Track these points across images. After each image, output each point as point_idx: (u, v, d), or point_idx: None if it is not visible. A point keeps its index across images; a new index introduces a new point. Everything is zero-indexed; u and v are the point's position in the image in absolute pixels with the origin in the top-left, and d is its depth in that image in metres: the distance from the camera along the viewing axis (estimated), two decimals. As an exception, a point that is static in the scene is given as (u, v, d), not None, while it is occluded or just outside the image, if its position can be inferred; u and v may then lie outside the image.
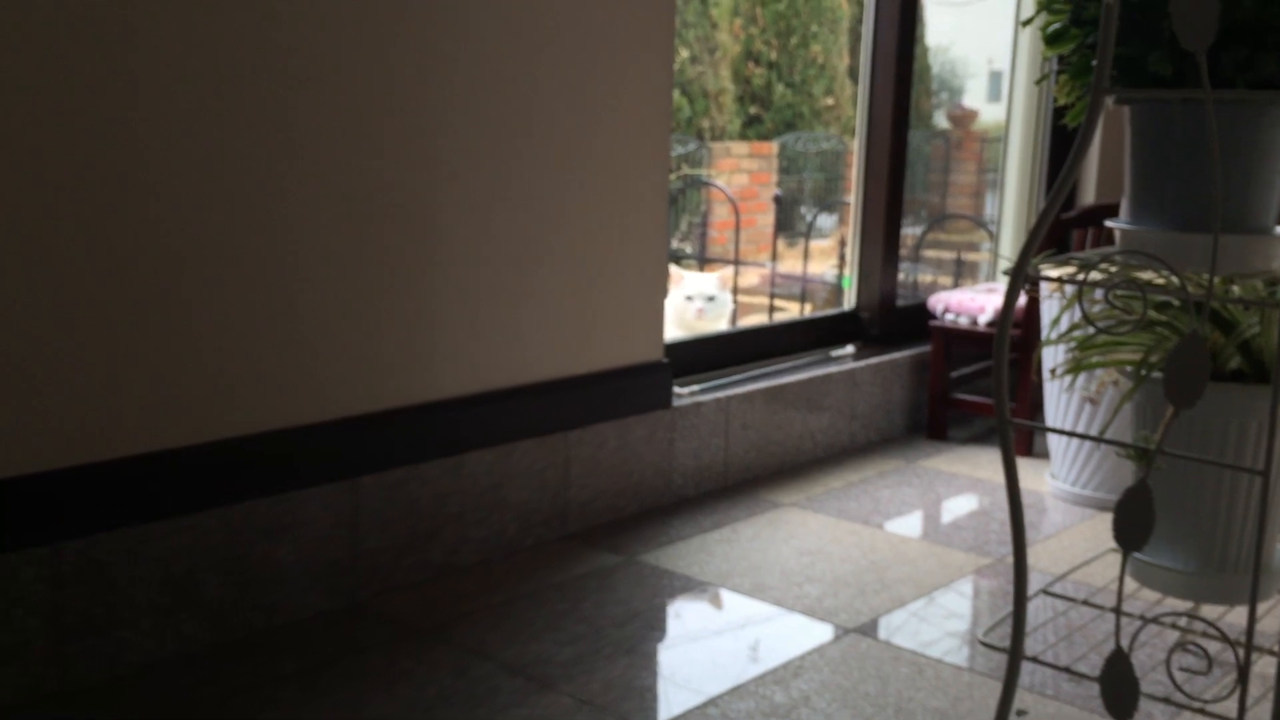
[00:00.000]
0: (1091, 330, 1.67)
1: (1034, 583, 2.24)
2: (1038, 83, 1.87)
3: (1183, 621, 1.74)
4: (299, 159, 1.93)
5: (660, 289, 2.61)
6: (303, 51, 1.91)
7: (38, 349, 1.69)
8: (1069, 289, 2.43)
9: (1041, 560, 2.42)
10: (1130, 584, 1.78)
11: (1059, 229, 3.18)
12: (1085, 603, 1.64)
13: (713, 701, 1.80)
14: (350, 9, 1.96)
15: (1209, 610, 1.84)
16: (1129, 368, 1.63)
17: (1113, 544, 1.33)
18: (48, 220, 1.68)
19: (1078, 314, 2.42)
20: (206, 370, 1.87)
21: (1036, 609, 2.16)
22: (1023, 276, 1.28)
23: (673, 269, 3.68)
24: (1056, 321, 1.77)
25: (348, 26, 1.96)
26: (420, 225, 2.11)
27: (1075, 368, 1.71)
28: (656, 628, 2.06)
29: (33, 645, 1.71)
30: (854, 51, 7.05)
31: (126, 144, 1.74)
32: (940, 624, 2.11)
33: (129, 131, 1.74)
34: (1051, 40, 1.47)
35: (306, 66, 1.92)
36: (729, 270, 3.91)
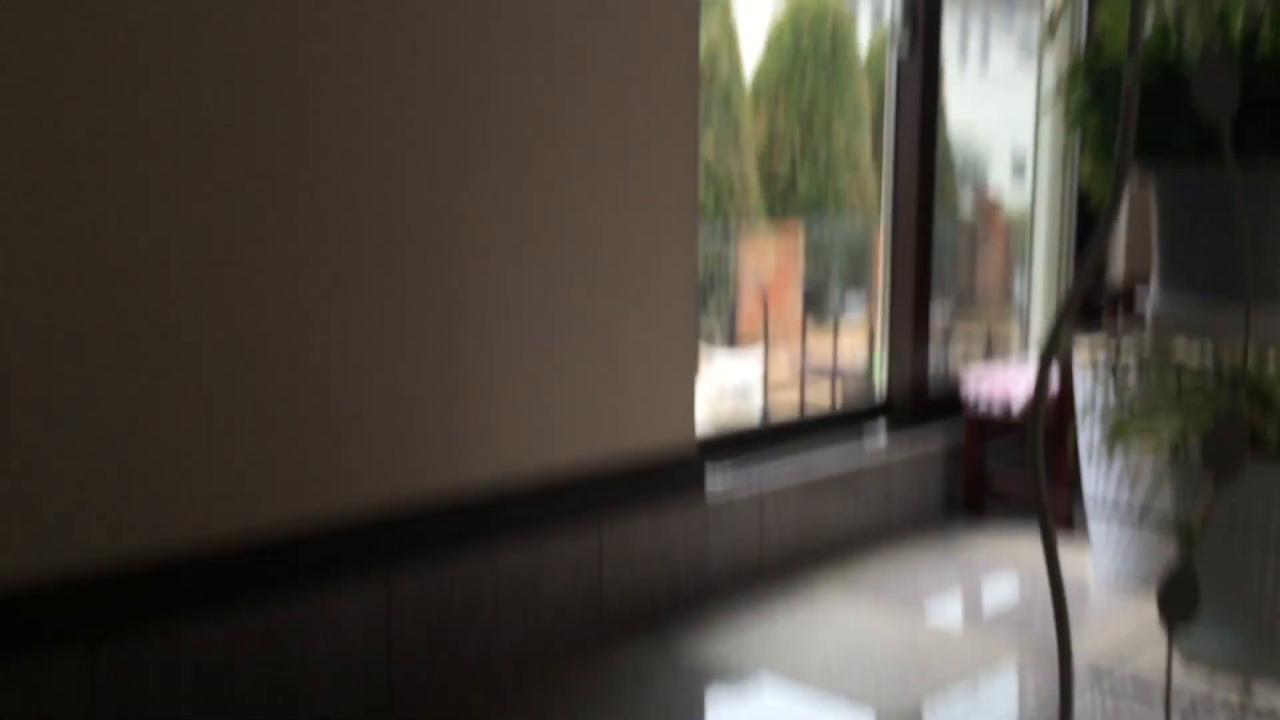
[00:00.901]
0: (1127, 405, 1.65)
1: (1080, 665, 2.19)
2: (1063, 160, 1.87)
3: (1234, 700, 1.69)
4: (324, 249, 1.95)
5: (692, 377, 2.61)
6: (321, 145, 1.94)
7: (71, 451, 1.70)
8: (1102, 365, 2.41)
9: (1087, 642, 2.37)
10: (1177, 661, 1.74)
11: (1089, 308, 3.17)
12: (1133, 681, 1.60)
13: (755, 795, 1.76)
14: (379, 98, 1.99)
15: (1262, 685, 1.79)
16: (1166, 444, 1.61)
17: (1157, 622, 1.30)
18: (75, 321, 1.70)
19: (1112, 389, 2.40)
20: (235, 468, 1.88)
21: (1082, 690, 2.11)
22: (1054, 352, 1.27)
23: (704, 358, 3.68)
24: (1092, 398, 1.76)
25: (376, 122, 1.99)
26: (450, 316, 2.13)
27: (1112, 444, 1.69)
28: (695, 719, 2.03)
29: (67, 749, 1.70)
30: (877, 137, 7.12)
31: (148, 238, 1.76)
32: (985, 710, 2.07)
33: (148, 227, 1.76)
34: (1074, 117, 1.48)
35: (326, 159, 1.95)
36: (760, 356, 3.91)
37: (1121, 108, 1.24)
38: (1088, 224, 3.83)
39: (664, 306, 2.50)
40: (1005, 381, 3.21)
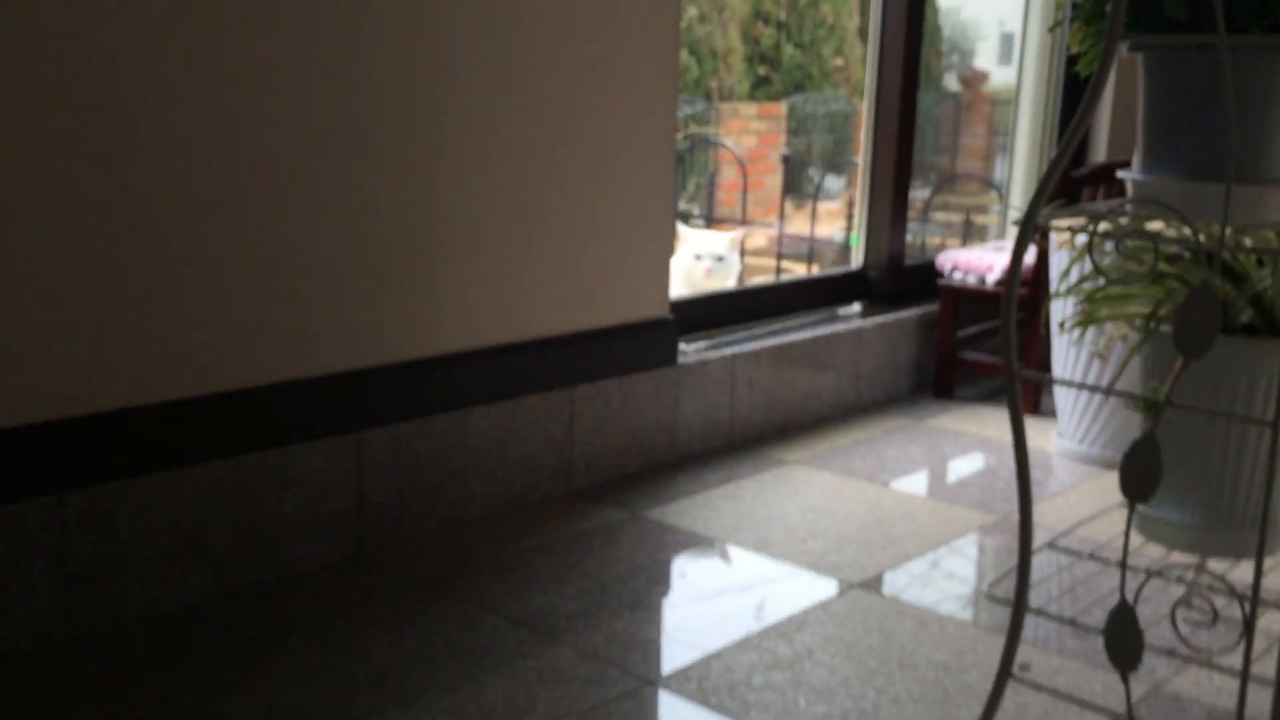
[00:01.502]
0: (1101, 282, 1.66)
1: (1039, 539, 2.24)
2: (1051, 30, 1.84)
3: (1189, 575, 1.73)
4: (300, 112, 1.92)
5: (666, 246, 2.60)
6: (313, 15, 1.89)
7: (44, 299, 1.68)
8: (1079, 242, 2.41)
9: (1047, 517, 2.42)
10: (1136, 539, 1.78)
11: (1069, 187, 3.16)
12: (1091, 556, 1.63)
13: (716, 655, 1.80)
14: (355, -43, 1.94)
15: (1215, 564, 1.83)
16: (1138, 321, 1.61)
17: (1119, 499, 1.32)
18: (52, 170, 1.67)
19: (1087, 267, 2.41)
20: (211, 321, 1.86)
21: (1041, 564, 2.16)
22: (1033, 224, 1.27)
23: (681, 228, 3.66)
24: (1066, 273, 1.76)
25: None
26: (425, 179, 2.10)
27: (1084, 320, 1.70)
28: (661, 582, 2.06)
29: (38, 592, 1.72)
30: (864, 12, 6.99)
31: (121, 99, 1.72)
32: (945, 579, 2.11)
33: (121, 85, 1.72)
34: (1065, -14, 1.45)
35: (306, 18, 1.90)
36: (738, 230, 3.89)
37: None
38: (1073, 103, 3.80)
39: (641, 178, 2.48)
40: (982, 257, 3.22)
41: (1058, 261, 2.86)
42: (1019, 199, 3.90)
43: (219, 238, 1.85)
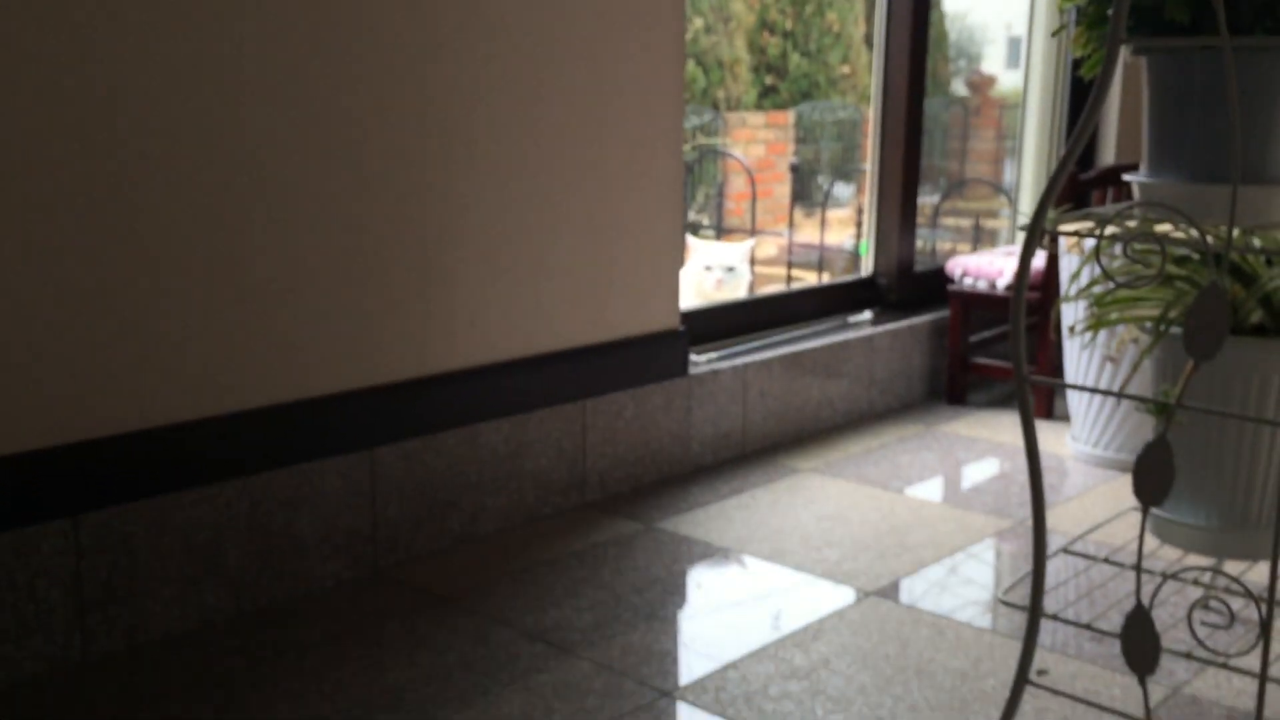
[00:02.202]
0: (1111, 285, 1.65)
1: (1054, 543, 2.23)
2: (1054, 34, 1.84)
3: (1205, 578, 1.72)
4: (311, 128, 1.93)
5: (676, 257, 2.60)
6: (311, 15, 1.90)
7: (59, 322, 1.69)
8: (1088, 245, 2.41)
9: (1062, 522, 2.41)
10: (1151, 542, 1.77)
11: (1078, 190, 3.15)
12: (1106, 560, 1.63)
13: (733, 665, 1.80)
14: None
15: (1231, 566, 1.83)
16: (1148, 324, 1.61)
17: (1133, 503, 1.31)
18: (61, 198, 1.68)
19: (1097, 270, 2.40)
20: (222, 342, 1.87)
21: (1057, 568, 2.15)
22: (1040, 228, 1.27)
23: (690, 239, 3.67)
24: (1075, 277, 1.76)
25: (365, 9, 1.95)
26: (435, 195, 2.11)
27: (1094, 324, 1.69)
28: (676, 593, 2.06)
29: (55, 615, 1.72)
30: (870, 19, 7.00)
31: (129, 122, 1.74)
32: (960, 586, 2.10)
33: (125, 106, 1.73)
34: (1067, -9, 1.45)
35: (313, 33, 1.91)
36: (748, 240, 3.89)
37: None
38: (1079, 107, 3.79)
39: (650, 189, 2.48)
40: (991, 262, 3.21)
41: (1068, 265, 2.86)
42: (1027, 203, 3.90)
43: (229, 259, 1.86)
